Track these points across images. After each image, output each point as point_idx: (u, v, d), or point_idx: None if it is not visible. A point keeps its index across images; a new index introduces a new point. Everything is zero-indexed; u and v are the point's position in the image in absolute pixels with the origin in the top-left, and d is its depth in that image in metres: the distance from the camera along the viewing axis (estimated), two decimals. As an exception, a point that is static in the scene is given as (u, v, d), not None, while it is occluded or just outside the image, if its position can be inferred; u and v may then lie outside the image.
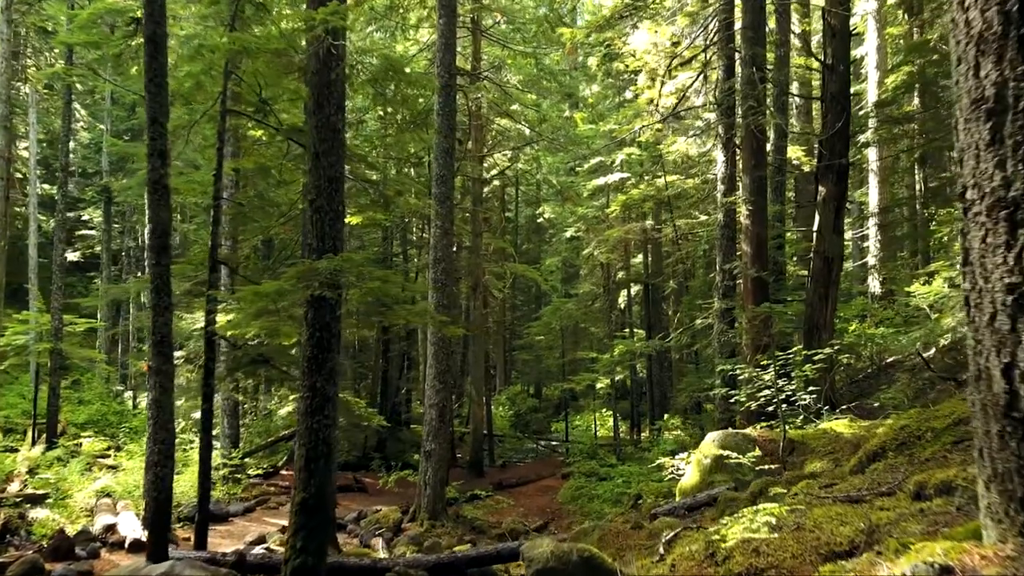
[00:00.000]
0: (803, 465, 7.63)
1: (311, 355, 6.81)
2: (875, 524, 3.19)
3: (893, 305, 23.42)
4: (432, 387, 14.14)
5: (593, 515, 15.72)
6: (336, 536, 11.55)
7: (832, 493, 4.61)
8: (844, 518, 3.43)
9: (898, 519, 3.16)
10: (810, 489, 5.09)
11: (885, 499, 3.89)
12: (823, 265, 12.19)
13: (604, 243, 24.01)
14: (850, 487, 4.63)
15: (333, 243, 6.93)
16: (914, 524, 3.00)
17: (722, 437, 8.53)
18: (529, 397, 37.67)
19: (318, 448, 6.69)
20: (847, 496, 4.29)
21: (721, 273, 12.93)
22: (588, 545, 5.57)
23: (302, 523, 6.57)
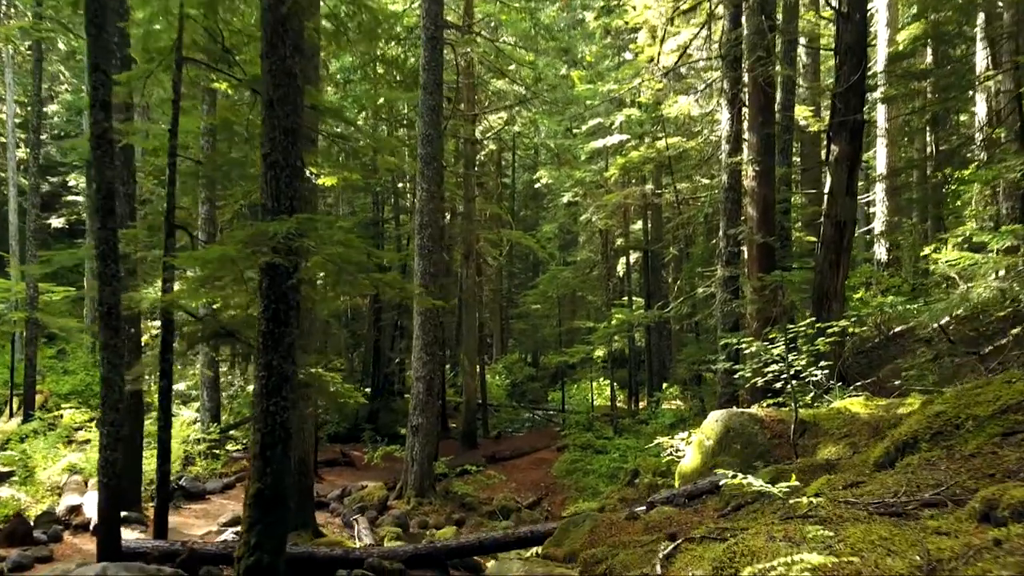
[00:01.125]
0: (816, 449, 6.93)
1: (266, 330, 6.05)
2: (935, 558, 2.45)
3: (900, 272, 22.71)
4: (419, 359, 13.43)
5: (588, 491, 15.13)
6: (315, 517, 10.92)
7: (861, 497, 3.87)
8: (891, 544, 2.69)
9: (967, 553, 2.42)
10: (832, 487, 4.36)
11: (936, 514, 3.15)
12: (834, 230, 11.39)
13: (602, 209, 23.14)
14: (883, 490, 3.89)
15: (290, 203, 6.12)
16: (993, 565, 2.27)
17: (726, 417, 7.81)
18: (526, 366, 37.06)
19: (275, 433, 5.96)
20: (883, 504, 3.56)
21: (725, 239, 12.13)
22: (567, 573, 4.85)
23: (257, 517, 5.87)
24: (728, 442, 7.61)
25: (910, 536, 2.76)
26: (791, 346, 7.47)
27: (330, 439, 22.38)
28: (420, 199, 13.51)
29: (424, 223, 13.42)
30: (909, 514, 3.27)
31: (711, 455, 7.74)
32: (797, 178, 19.77)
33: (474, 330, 20.88)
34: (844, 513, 3.45)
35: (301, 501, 10.48)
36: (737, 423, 7.65)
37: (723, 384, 11.68)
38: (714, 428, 7.85)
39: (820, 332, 7.58)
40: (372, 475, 15.67)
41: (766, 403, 8.80)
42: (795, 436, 6.79)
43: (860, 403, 7.70)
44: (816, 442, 7.13)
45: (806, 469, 5.98)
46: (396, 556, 7.40)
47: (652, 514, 6.68)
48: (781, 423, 7.62)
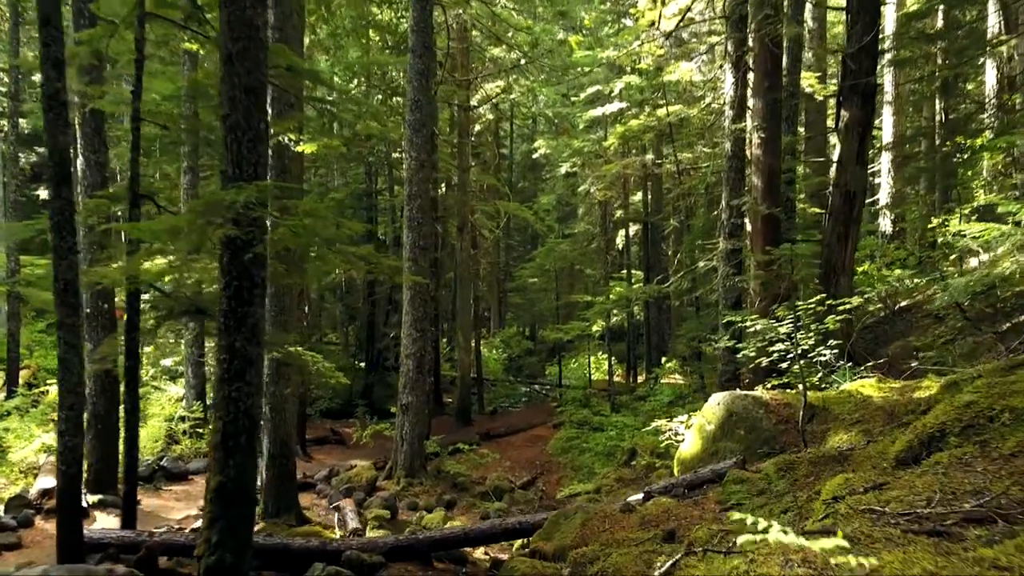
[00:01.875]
0: (826, 436, 6.44)
1: (228, 308, 5.52)
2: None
3: (906, 245, 22.15)
4: (409, 336, 12.93)
5: (584, 470, 14.74)
6: (299, 500, 10.49)
7: (888, 504, 3.37)
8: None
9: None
10: (851, 489, 3.86)
11: (985, 535, 2.65)
12: (843, 200, 10.82)
13: (601, 179, 22.51)
14: (913, 495, 3.39)
15: (254, 169, 5.56)
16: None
17: (729, 400, 7.32)
18: (524, 339, 36.63)
19: (238, 422, 5.47)
20: (916, 516, 3.06)
21: (727, 210, 11.56)
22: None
23: (219, 513, 5.39)
24: (731, 427, 7.13)
25: (964, 569, 2.26)
26: (798, 324, 6.95)
27: (322, 415, 22.01)
28: (409, 168, 12.90)
29: (413, 193, 12.84)
30: (952, 533, 2.77)
31: (712, 440, 7.27)
32: (801, 147, 19.12)
33: (469, 304, 20.37)
34: (872, 529, 2.95)
35: (283, 484, 10.06)
36: (740, 407, 7.16)
37: (724, 362, 11.20)
38: (715, 412, 7.36)
39: (830, 309, 7.05)
40: (362, 454, 15.27)
41: (770, 383, 8.31)
42: (803, 422, 6.30)
43: (872, 385, 7.20)
44: (826, 428, 6.65)
45: (817, 460, 5.49)
46: (376, 548, 6.95)
47: (649, 506, 6.21)
48: (788, 407, 7.13)
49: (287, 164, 9.92)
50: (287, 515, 9.93)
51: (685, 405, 15.07)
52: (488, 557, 8.55)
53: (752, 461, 6.67)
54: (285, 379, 9.85)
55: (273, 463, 9.94)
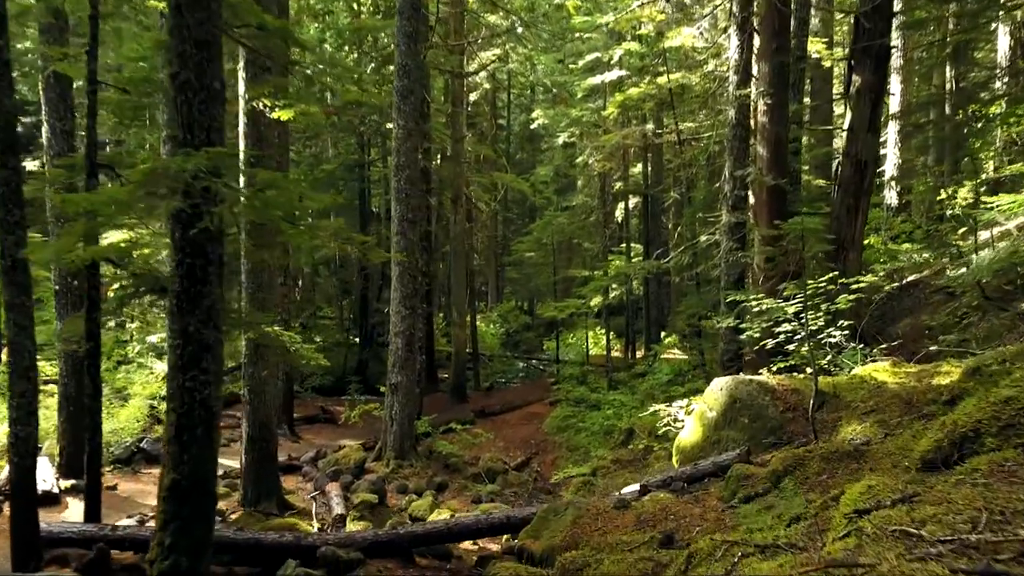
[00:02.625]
0: (838, 427, 5.94)
1: (181, 289, 4.99)
2: None
3: (912, 218, 21.56)
4: (398, 313, 12.41)
5: (580, 450, 14.31)
6: (281, 485, 10.06)
7: (924, 525, 2.86)
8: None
9: None
10: (876, 501, 3.35)
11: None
12: (854, 170, 10.25)
13: (600, 150, 21.85)
14: (952, 514, 2.88)
15: (207, 134, 4.99)
16: None
17: (732, 385, 6.82)
18: (522, 314, 36.15)
19: (194, 414, 4.96)
20: (962, 545, 2.55)
21: (731, 181, 10.96)
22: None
23: (173, 512, 4.91)
24: (734, 414, 6.63)
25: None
26: (807, 303, 6.42)
27: (314, 391, 21.61)
28: (397, 137, 12.28)
29: (402, 164, 12.23)
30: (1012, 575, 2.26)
31: (714, 428, 6.78)
32: (807, 117, 18.45)
33: (464, 279, 19.83)
34: (910, 564, 2.44)
35: (264, 469, 9.62)
36: (744, 393, 6.66)
37: (726, 341, 10.69)
38: (718, 398, 6.87)
39: (842, 288, 6.52)
40: (353, 433, 14.84)
41: (775, 366, 7.80)
42: (813, 410, 5.80)
43: (886, 370, 6.69)
44: (837, 417, 6.15)
45: (830, 456, 4.99)
46: (354, 544, 6.49)
47: (646, 501, 5.74)
48: (795, 393, 6.63)
49: (263, 132, 9.33)
50: (268, 501, 9.50)
51: (685, 383, 14.61)
52: (476, 547, 8.13)
53: (757, 452, 6.19)
54: (264, 360, 9.35)
55: (252, 447, 9.48)
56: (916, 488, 3.45)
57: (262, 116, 9.20)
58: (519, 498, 12.02)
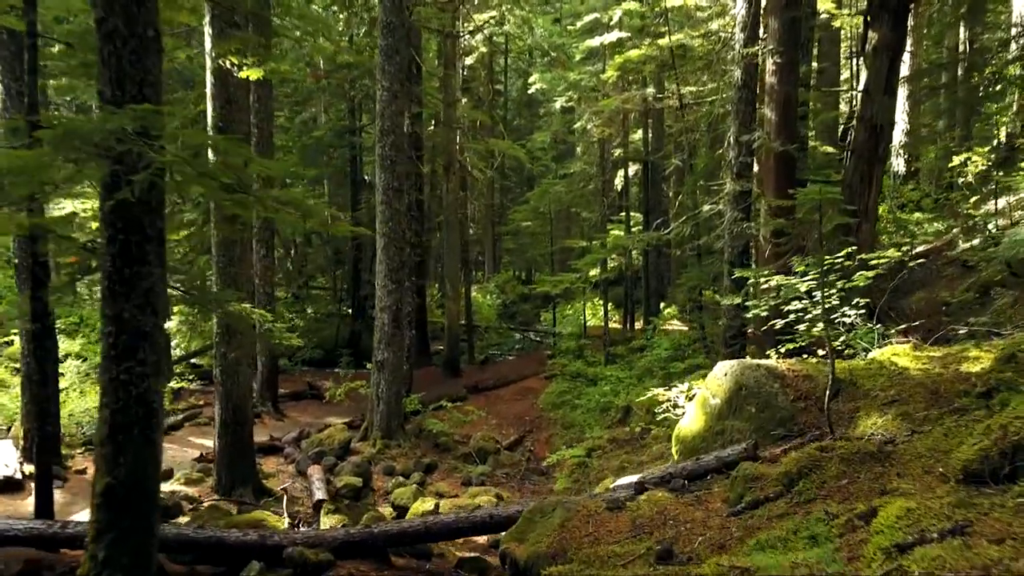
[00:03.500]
0: (855, 419, 5.37)
1: (113, 269, 4.37)
2: None
3: (921, 186, 20.83)
4: (383, 287, 11.81)
5: (575, 428, 13.80)
6: (257, 470, 9.54)
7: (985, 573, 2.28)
8: None
9: None
10: (920, 535, 2.77)
11: None
12: (868, 135, 9.57)
13: (599, 115, 21.03)
14: None
15: (139, 89, 4.33)
16: None
17: (738, 371, 6.23)
18: (520, 284, 35.54)
19: (129, 410, 4.38)
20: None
21: (736, 147, 10.26)
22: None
23: (108, 522, 4.35)
24: (740, 403, 6.06)
25: None
26: (824, 279, 5.80)
27: (305, 364, 21.07)
28: (382, 100, 11.56)
29: (386, 128, 11.53)
30: None
31: (717, 417, 6.21)
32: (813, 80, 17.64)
33: (457, 250, 19.19)
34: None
35: (238, 454, 9.09)
36: (751, 379, 6.08)
37: (729, 317, 10.09)
38: (722, 384, 6.28)
39: (861, 264, 5.90)
40: (340, 410, 14.33)
41: (784, 347, 7.21)
42: (830, 401, 5.22)
43: (907, 353, 6.10)
44: (854, 407, 5.57)
45: (850, 457, 4.42)
46: (324, 543, 5.96)
47: (642, 502, 5.18)
48: (807, 380, 6.04)
49: (232, 93, 8.62)
50: (243, 488, 8.99)
51: (685, 358, 14.07)
52: (460, 540, 7.63)
53: (765, 446, 5.63)
54: (237, 339, 8.76)
55: (226, 431, 8.94)
56: (966, 513, 2.87)
57: (231, 76, 8.50)
58: (511, 480, 11.55)
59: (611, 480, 9.35)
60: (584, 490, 10.19)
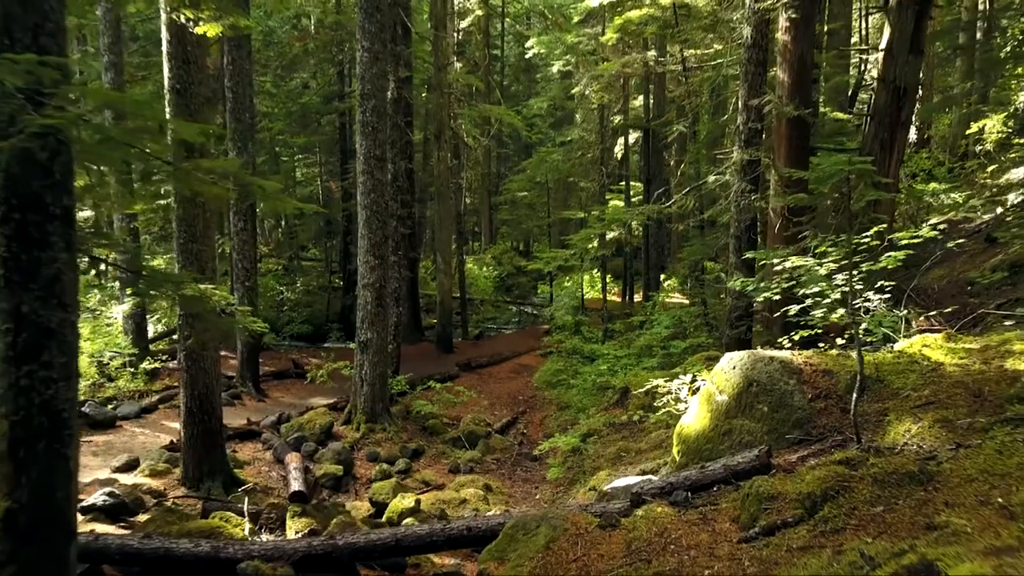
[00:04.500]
0: (884, 425, 4.68)
1: (8, 255, 3.66)
2: None
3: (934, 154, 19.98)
4: (366, 263, 11.09)
5: (571, 409, 13.18)
6: (227, 461, 8.91)
7: None
8: None
9: None
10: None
11: None
12: (890, 98, 8.78)
13: (597, 80, 20.14)
14: None
15: (34, 39, 3.57)
16: None
17: (748, 363, 5.54)
18: (517, 255, 34.79)
19: (32, 421, 3.70)
20: None
21: (744, 112, 9.46)
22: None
23: (10, 553, 3.68)
24: (750, 400, 5.38)
25: None
26: (852, 263, 5.08)
27: (294, 339, 20.43)
28: (362, 62, 10.73)
29: (367, 92, 10.71)
30: None
31: (724, 416, 5.53)
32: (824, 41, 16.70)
33: (449, 222, 18.42)
34: None
35: (206, 444, 8.44)
36: (763, 374, 5.39)
37: (735, 296, 9.39)
38: (730, 378, 5.60)
39: (891, 245, 5.17)
40: (325, 391, 13.68)
41: (797, 334, 6.51)
42: (857, 404, 4.53)
43: (939, 345, 5.41)
44: (882, 409, 4.88)
45: (884, 479, 3.74)
46: (283, 556, 5.33)
47: (638, 519, 4.53)
48: (827, 376, 5.35)
49: (190, 52, 7.81)
50: (211, 481, 8.37)
51: (687, 337, 13.40)
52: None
53: (779, 451, 4.96)
54: (199, 320, 8.06)
55: (192, 421, 8.29)
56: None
57: (187, 33, 7.69)
58: (501, 466, 10.95)
59: (606, 472, 8.74)
60: (578, 480, 9.59)
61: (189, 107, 7.90)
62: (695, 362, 10.85)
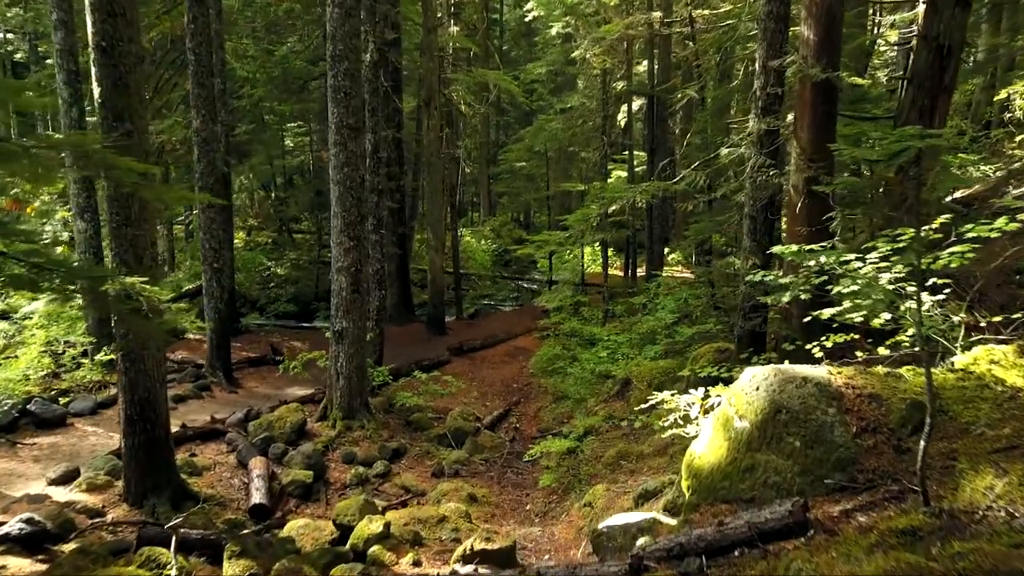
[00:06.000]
0: (954, 475, 3.65)
1: None
2: None
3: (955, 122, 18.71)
4: (339, 244, 10.03)
5: (568, 401, 12.19)
6: (177, 471, 7.95)
7: None
8: None
9: None
10: None
11: None
12: (932, 58, 7.61)
13: (599, 43, 18.82)
14: None
15: None
16: None
17: (774, 383, 4.50)
18: (517, 228, 33.61)
19: None
20: None
21: (763, 75, 8.29)
22: None
23: None
24: (778, 430, 4.36)
25: None
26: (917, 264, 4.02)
27: (279, 319, 19.43)
28: (332, 20, 9.55)
29: (338, 54, 9.55)
30: None
31: (746, 447, 4.51)
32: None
33: (440, 195, 17.28)
34: None
35: (150, 456, 7.47)
36: (795, 399, 4.36)
37: (749, 284, 8.31)
38: (751, 401, 4.57)
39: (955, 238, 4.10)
40: (304, 380, 12.66)
41: (829, 340, 5.48)
42: (925, 450, 3.49)
43: (1013, 362, 4.37)
44: (948, 451, 3.85)
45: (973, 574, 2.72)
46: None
47: (639, 596, 3.53)
48: (873, 403, 4.31)
49: (116, 3, 6.68)
50: (157, 496, 7.42)
51: (694, 322, 12.34)
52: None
53: (816, 500, 3.95)
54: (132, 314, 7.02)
55: (133, 429, 7.31)
56: None
57: None
58: (491, 467, 10.00)
59: (604, 487, 7.77)
60: (572, 489, 8.63)
61: (118, 68, 6.79)
62: (704, 355, 9.82)
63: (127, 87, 6.90)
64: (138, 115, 7.02)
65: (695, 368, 9.98)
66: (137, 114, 7.01)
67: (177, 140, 14.80)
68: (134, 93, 6.98)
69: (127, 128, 6.90)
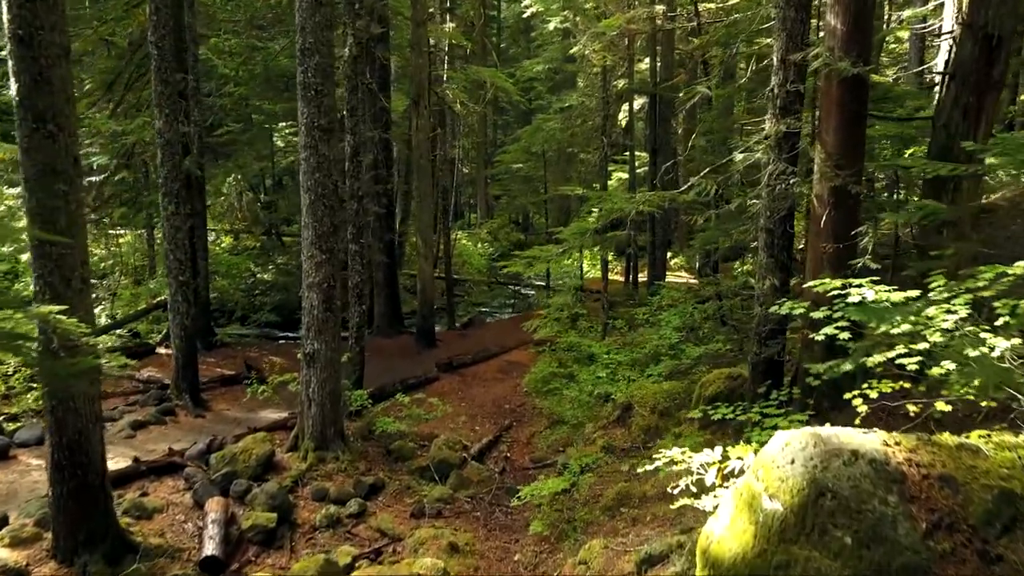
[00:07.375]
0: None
1: None
2: None
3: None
4: (310, 258, 9.08)
5: (564, 426, 11.21)
6: (116, 521, 7.01)
7: None
8: None
9: None
10: None
11: None
12: (977, 50, 6.68)
13: (599, 38, 17.85)
14: None
15: None
16: None
17: (815, 459, 3.55)
18: (515, 230, 32.67)
19: None
20: None
21: (782, 70, 7.35)
22: None
23: None
24: (821, 519, 3.41)
25: None
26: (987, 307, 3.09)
27: (263, 328, 18.51)
28: (301, 9, 8.59)
29: (308, 47, 8.60)
30: None
31: (778, 537, 3.56)
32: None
33: (429, 200, 16.34)
34: None
35: (85, 505, 6.54)
36: (843, 479, 3.41)
37: (765, 304, 7.37)
38: (785, 477, 3.61)
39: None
40: (276, 404, 11.71)
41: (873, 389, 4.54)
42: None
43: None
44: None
45: None
46: None
47: None
48: (946, 488, 3.36)
49: None
50: (90, 552, 6.48)
51: (700, 343, 11.38)
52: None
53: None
54: (68, 347, 6.08)
55: (61, 477, 6.37)
56: None
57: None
58: (477, 507, 9.03)
59: (600, 544, 6.77)
60: (566, 536, 7.66)
61: (38, 61, 5.85)
62: (712, 381, 8.89)
63: (50, 83, 5.96)
64: (63, 115, 6.08)
65: (703, 393, 9.05)
66: (62, 114, 6.07)
67: (148, 141, 13.89)
68: (59, 90, 6.04)
69: (50, 130, 5.97)
